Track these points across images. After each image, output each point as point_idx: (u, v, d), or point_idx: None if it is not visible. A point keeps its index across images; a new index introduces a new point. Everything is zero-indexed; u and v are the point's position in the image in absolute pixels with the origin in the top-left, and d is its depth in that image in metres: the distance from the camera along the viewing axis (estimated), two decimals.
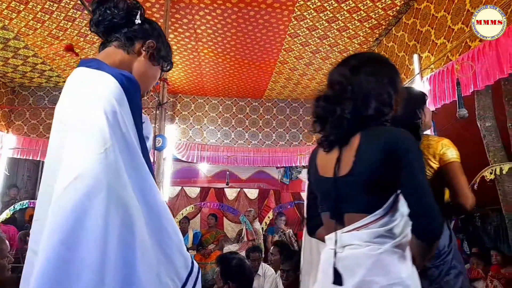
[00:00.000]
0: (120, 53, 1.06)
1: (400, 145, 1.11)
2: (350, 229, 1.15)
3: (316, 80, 5.88)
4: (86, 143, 0.80)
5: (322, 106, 1.25)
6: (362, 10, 3.95)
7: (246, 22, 4.21)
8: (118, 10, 1.04)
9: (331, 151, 1.24)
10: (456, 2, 3.09)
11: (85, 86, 0.90)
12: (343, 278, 1.13)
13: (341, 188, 1.18)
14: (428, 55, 3.50)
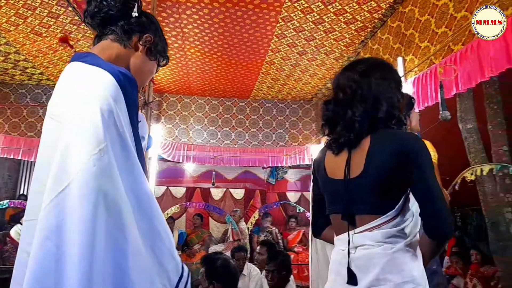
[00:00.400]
0: (116, 47, 1.02)
1: (411, 148, 1.14)
2: (363, 230, 1.18)
3: (303, 81, 5.92)
4: (80, 143, 0.77)
5: (333, 110, 1.28)
6: (348, 13, 4.00)
7: (234, 22, 4.21)
8: (115, 1, 1.00)
9: (340, 154, 1.26)
10: (439, 6, 3.16)
11: (81, 82, 0.87)
12: (357, 277, 1.15)
13: (352, 189, 1.20)
14: (412, 58, 3.57)
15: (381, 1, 3.79)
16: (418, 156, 1.13)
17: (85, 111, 0.80)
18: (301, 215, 7.07)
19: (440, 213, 1.10)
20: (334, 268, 1.27)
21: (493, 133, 3.15)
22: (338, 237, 1.28)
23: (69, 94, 0.86)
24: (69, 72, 0.93)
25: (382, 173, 1.15)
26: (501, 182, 3.05)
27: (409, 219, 1.18)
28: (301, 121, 6.76)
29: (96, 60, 0.93)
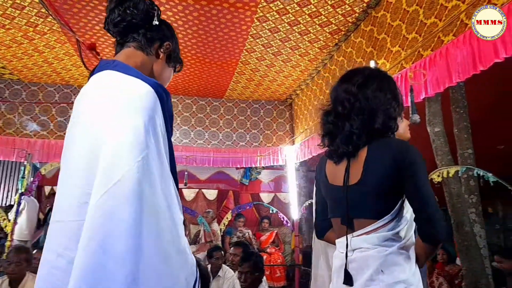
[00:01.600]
0: (140, 55, 1.05)
1: (405, 156, 1.21)
2: (360, 233, 1.25)
3: (277, 82, 5.93)
4: (125, 150, 0.80)
5: (332, 122, 1.34)
6: (323, 15, 4.04)
7: (208, 20, 4.15)
8: (137, 10, 1.02)
9: (340, 162, 1.33)
10: (410, 12, 3.24)
11: (121, 92, 0.89)
12: (353, 278, 1.23)
13: (351, 195, 1.27)
14: (384, 62, 3.64)
15: (354, 5, 3.85)
16: (412, 164, 1.20)
17: (129, 121, 0.82)
18: (274, 216, 7.08)
19: (432, 219, 1.16)
20: (335, 271, 1.35)
21: (458, 137, 3.27)
22: (338, 240, 1.35)
23: (110, 103, 0.87)
24: (104, 81, 0.94)
25: (378, 180, 1.22)
26: (466, 183, 3.17)
27: (403, 223, 1.25)
28: (276, 122, 6.78)
29: (129, 70, 0.94)
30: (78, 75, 5.76)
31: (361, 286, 1.21)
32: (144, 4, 1.05)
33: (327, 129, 1.37)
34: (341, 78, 1.45)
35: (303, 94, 6.23)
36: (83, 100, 0.95)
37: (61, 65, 5.38)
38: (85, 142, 0.90)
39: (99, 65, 0.99)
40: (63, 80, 5.98)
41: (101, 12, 4.05)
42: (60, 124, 5.98)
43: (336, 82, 1.45)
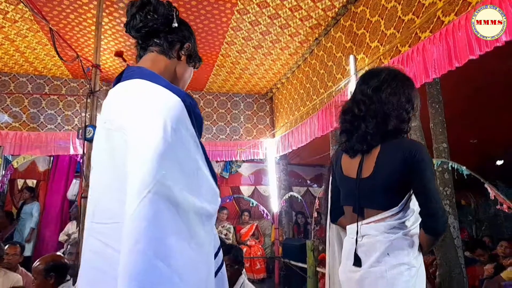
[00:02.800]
0: (163, 59, 1.08)
1: (415, 155, 1.32)
2: (369, 222, 1.39)
3: (258, 76, 5.91)
4: (156, 159, 0.82)
5: (349, 121, 1.46)
6: (303, 9, 4.04)
7: (188, 11, 4.08)
8: (158, 14, 1.04)
9: (355, 157, 1.46)
10: (389, 9, 3.28)
11: (151, 102, 0.90)
12: (362, 261, 1.38)
13: (362, 187, 1.41)
14: (363, 57, 3.68)
15: (334, 0, 3.87)
16: (420, 162, 1.31)
17: (158, 132, 0.84)
18: (254, 209, 7.10)
19: (435, 214, 1.29)
20: (345, 254, 1.49)
21: (434, 131, 3.34)
22: (349, 226, 1.49)
23: (141, 113, 0.89)
24: (132, 88, 0.96)
25: (388, 176, 1.35)
26: (441, 176, 3.25)
27: (410, 214, 1.38)
28: (256, 115, 6.77)
29: (158, 79, 0.96)
30: (52, 65, 5.57)
31: (368, 267, 1.35)
32: (164, 7, 1.07)
33: (344, 127, 1.49)
34: (362, 77, 1.55)
35: (283, 87, 6.24)
36: (114, 106, 0.97)
37: (33, 54, 5.18)
38: (107, 147, 0.94)
39: (126, 72, 1.02)
40: (36, 70, 5.76)
41: (76, 1, 3.91)
42: (33, 116, 5.78)
43: (358, 80, 1.55)
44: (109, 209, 0.91)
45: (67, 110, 5.98)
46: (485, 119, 5.27)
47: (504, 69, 3.77)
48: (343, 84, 3.99)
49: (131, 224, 0.78)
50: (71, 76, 6.00)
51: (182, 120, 0.88)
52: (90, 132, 3.15)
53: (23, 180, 6.54)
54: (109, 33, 4.55)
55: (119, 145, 0.89)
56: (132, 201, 0.80)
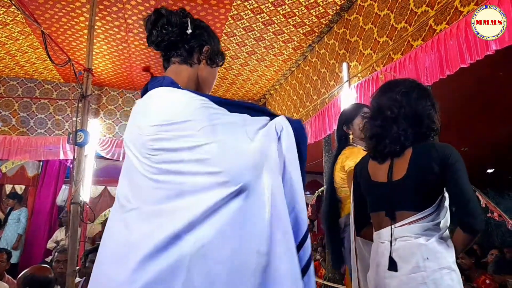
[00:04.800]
0: (185, 69, 1.11)
1: (449, 156, 1.35)
2: (402, 224, 1.37)
3: (251, 81, 5.92)
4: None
5: (380, 126, 1.47)
6: (297, 16, 4.06)
7: None
8: (172, 26, 1.07)
9: (384, 162, 1.47)
10: (382, 17, 3.31)
11: (191, 109, 0.94)
12: (398, 265, 1.34)
13: (395, 190, 1.41)
14: (356, 64, 3.70)
15: (328, 7, 3.89)
16: (455, 163, 1.34)
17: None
18: None
19: (474, 212, 1.30)
20: (375, 260, 1.45)
21: None
22: (379, 231, 1.46)
23: (178, 118, 0.92)
24: (165, 96, 0.99)
25: (423, 177, 1.36)
26: None
27: (442, 216, 1.37)
28: None
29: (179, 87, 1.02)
30: (43, 69, 5.51)
31: (407, 273, 1.31)
32: (177, 16, 1.08)
33: (374, 131, 1.50)
34: (383, 88, 1.58)
35: (277, 94, 6.25)
36: (143, 113, 1.00)
37: (25, 58, 5.12)
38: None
39: (151, 82, 1.05)
40: (26, 74, 5.69)
41: (68, 4, 3.88)
42: (23, 120, 5.70)
43: (376, 93, 1.59)
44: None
45: (58, 114, 5.91)
46: (476, 127, 5.32)
47: (494, 78, 3.82)
48: (336, 90, 4.00)
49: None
50: (62, 80, 5.94)
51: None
52: (81, 137, 3.11)
53: (11, 185, 6.43)
54: (102, 37, 4.52)
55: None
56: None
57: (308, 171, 7.66)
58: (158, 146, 0.92)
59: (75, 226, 2.95)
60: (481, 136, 5.73)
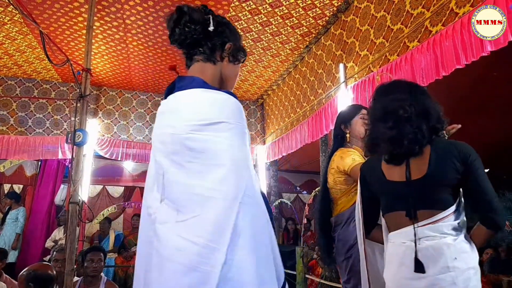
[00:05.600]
0: (209, 67, 1.11)
1: (469, 154, 1.36)
2: (426, 223, 1.34)
3: (249, 82, 5.94)
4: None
5: (393, 127, 1.41)
6: (294, 17, 4.09)
7: None
8: (195, 23, 1.07)
9: (402, 163, 1.42)
10: (378, 18, 3.34)
11: (225, 110, 0.99)
12: (424, 266, 1.30)
13: (415, 189, 1.37)
14: (352, 65, 3.74)
15: (325, 8, 3.92)
16: (475, 161, 1.35)
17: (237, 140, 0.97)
18: None
19: (496, 209, 1.32)
20: (396, 260, 1.40)
21: None
22: (397, 231, 1.41)
23: (209, 121, 0.96)
24: (197, 97, 1.01)
25: (445, 175, 1.35)
26: None
27: (463, 213, 1.38)
28: (247, 121, 6.77)
29: (207, 86, 1.04)
30: (41, 69, 5.52)
31: (437, 273, 1.28)
32: (199, 13, 1.08)
33: (389, 135, 1.42)
34: (381, 92, 1.56)
35: (274, 94, 6.28)
36: (182, 113, 1.01)
37: (23, 57, 5.13)
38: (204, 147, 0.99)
39: (179, 82, 1.07)
40: (25, 74, 5.70)
41: (67, 4, 3.90)
42: (21, 120, 5.70)
43: (376, 96, 1.56)
44: (187, 206, 0.93)
45: (56, 114, 5.91)
46: (471, 127, 5.36)
47: (489, 78, 3.86)
48: (333, 91, 4.03)
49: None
50: (60, 79, 5.95)
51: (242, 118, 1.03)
52: (80, 137, 3.12)
53: (9, 184, 6.43)
54: (100, 37, 4.53)
55: (212, 141, 0.95)
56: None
57: (305, 171, 7.74)
58: (193, 145, 0.94)
59: (74, 225, 2.97)
60: (476, 136, 5.77)
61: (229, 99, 1.00)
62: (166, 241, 0.92)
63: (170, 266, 0.89)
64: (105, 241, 5.77)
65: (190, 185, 0.94)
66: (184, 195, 0.94)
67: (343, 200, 2.05)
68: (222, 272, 0.85)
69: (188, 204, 0.93)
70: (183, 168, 0.95)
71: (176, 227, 0.92)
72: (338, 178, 2.05)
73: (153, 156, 1.05)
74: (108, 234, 5.86)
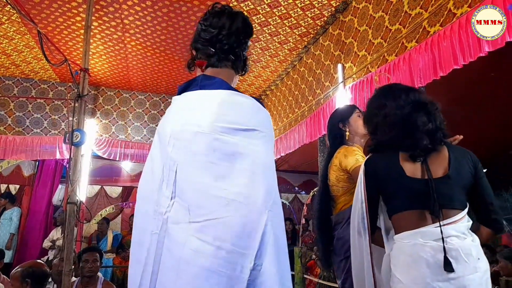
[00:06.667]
0: (233, 74, 1.14)
1: (477, 161, 1.45)
2: (449, 222, 1.34)
3: (247, 82, 5.94)
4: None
5: (431, 121, 1.43)
6: (292, 17, 4.09)
7: (178, 17, 4.09)
8: (248, 37, 1.12)
9: (418, 159, 1.43)
10: (376, 19, 3.35)
11: (255, 111, 1.02)
12: (453, 265, 1.27)
13: (438, 187, 1.37)
14: (351, 65, 3.74)
15: (323, 8, 3.93)
16: (481, 168, 1.44)
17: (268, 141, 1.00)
18: None
19: (499, 212, 1.41)
20: (420, 261, 1.32)
21: None
22: (415, 231, 1.36)
23: (235, 123, 0.97)
24: (226, 99, 1.01)
25: (465, 175, 1.41)
26: None
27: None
28: None
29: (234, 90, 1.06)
30: (39, 68, 5.50)
31: (466, 274, 1.27)
32: (252, 28, 1.13)
33: (425, 127, 1.42)
34: (388, 91, 1.57)
35: (272, 94, 6.28)
36: (201, 112, 0.99)
37: (20, 57, 5.11)
38: (219, 147, 0.97)
39: (203, 81, 1.06)
40: (22, 73, 5.68)
41: (65, 4, 3.89)
42: (19, 119, 5.69)
43: (402, 88, 1.55)
44: (204, 207, 0.91)
45: (54, 114, 5.90)
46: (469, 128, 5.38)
47: (487, 79, 3.88)
48: (331, 91, 4.04)
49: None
50: (58, 79, 5.93)
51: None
52: (78, 137, 3.11)
53: (6, 184, 6.41)
54: (98, 37, 4.52)
55: (242, 146, 0.95)
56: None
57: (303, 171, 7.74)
58: (221, 147, 0.94)
59: (72, 225, 2.96)
60: (474, 137, 5.79)
61: (261, 106, 1.02)
62: (182, 242, 0.89)
63: (190, 270, 0.86)
64: (103, 242, 5.76)
65: (211, 186, 0.91)
66: (201, 195, 0.92)
67: (345, 198, 2.01)
68: (250, 277, 0.84)
69: (205, 205, 0.91)
70: (204, 168, 0.93)
71: (191, 228, 0.90)
72: (341, 175, 2.02)
73: (161, 151, 1.01)
74: (106, 235, 5.85)
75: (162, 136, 1.03)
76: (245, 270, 0.84)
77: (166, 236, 0.91)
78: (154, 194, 0.97)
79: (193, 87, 1.06)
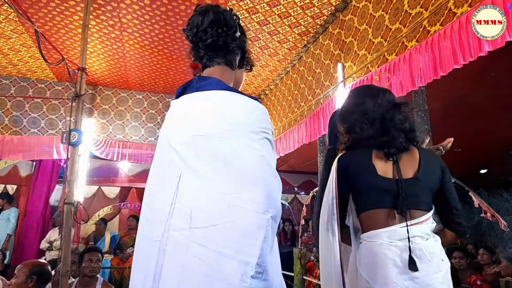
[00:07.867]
0: (228, 70, 1.11)
1: (445, 165, 1.48)
2: (415, 223, 1.37)
3: (247, 81, 5.91)
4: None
5: (407, 121, 1.48)
6: (292, 16, 4.06)
7: (176, 16, 4.06)
8: (228, 27, 1.06)
9: (389, 159, 1.46)
10: (376, 18, 3.33)
11: (253, 114, 0.98)
12: (417, 264, 1.30)
13: (407, 188, 1.40)
14: (351, 64, 3.72)
15: (323, 7, 3.90)
16: (448, 173, 1.47)
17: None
18: None
19: (462, 216, 1.44)
20: (387, 261, 1.32)
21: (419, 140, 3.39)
22: (382, 230, 1.37)
23: (228, 126, 0.94)
24: (218, 99, 0.99)
25: (433, 178, 1.44)
26: None
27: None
28: None
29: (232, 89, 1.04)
30: (36, 68, 5.46)
31: (430, 273, 1.30)
32: (232, 19, 1.08)
33: (401, 126, 1.46)
34: (380, 88, 1.57)
35: (272, 94, 6.25)
36: (200, 115, 0.98)
37: (17, 56, 5.07)
38: (214, 149, 0.94)
39: (198, 82, 1.04)
40: (19, 73, 5.64)
41: (62, 3, 3.85)
42: (16, 119, 5.65)
43: (381, 90, 1.56)
44: (207, 213, 0.89)
45: (51, 113, 5.86)
46: (469, 128, 5.37)
47: (486, 79, 3.86)
48: (331, 91, 4.01)
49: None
50: (56, 79, 5.89)
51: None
52: (75, 137, 3.09)
53: (3, 185, 6.37)
54: (96, 36, 4.49)
55: (244, 149, 0.93)
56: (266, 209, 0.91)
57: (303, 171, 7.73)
58: (221, 150, 0.92)
59: (69, 226, 2.93)
60: (474, 137, 5.78)
61: (258, 105, 1.00)
62: (185, 249, 0.87)
63: (194, 277, 0.84)
64: (100, 242, 5.72)
65: (212, 190, 0.89)
66: (202, 200, 0.90)
67: None
68: (253, 283, 0.82)
69: (207, 210, 0.89)
70: (204, 172, 0.91)
71: (193, 234, 0.88)
72: None
73: (163, 156, 0.99)
74: (104, 235, 5.81)
75: (162, 142, 1.01)
76: (247, 277, 0.83)
77: (168, 243, 0.89)
78: (156, 201, 0.95)
79: (189, 89, 1.04)
